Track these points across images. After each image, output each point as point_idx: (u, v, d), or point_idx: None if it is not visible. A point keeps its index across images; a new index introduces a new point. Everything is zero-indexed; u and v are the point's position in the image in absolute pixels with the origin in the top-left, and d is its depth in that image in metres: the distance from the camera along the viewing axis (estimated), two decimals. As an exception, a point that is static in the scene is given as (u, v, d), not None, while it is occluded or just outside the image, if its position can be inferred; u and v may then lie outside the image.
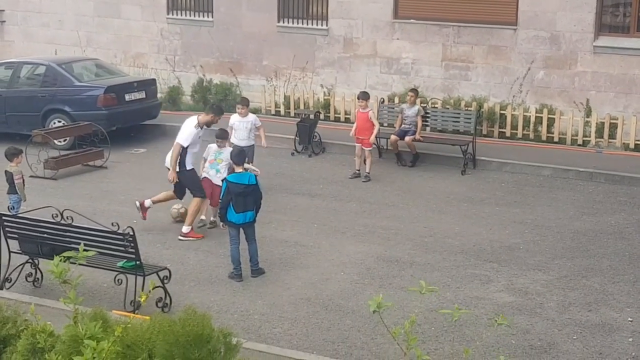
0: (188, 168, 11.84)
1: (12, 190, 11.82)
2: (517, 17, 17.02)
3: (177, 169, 11.74)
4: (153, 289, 5.18)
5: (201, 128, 11.97)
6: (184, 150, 11.74)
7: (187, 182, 11.90)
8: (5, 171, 11.90)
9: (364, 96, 14.66)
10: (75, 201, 12.82)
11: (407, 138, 15.16)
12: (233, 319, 9.09)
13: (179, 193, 12.13)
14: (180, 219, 12.08)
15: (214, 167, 12.11)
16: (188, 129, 11.84)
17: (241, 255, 10.30)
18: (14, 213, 10.84)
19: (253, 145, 13.72)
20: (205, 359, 4.68)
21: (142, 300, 4.85)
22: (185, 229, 11.69)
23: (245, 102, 14.05)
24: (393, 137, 15.28)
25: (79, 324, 4.59)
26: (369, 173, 14.42)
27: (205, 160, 12.24)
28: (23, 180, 11.89)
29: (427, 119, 16.03)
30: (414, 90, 15.78)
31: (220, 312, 9.26)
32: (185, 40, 20.82)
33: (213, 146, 12.25)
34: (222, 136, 12.35)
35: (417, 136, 15.24)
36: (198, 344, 4.67)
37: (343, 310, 9.37)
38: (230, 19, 20.14)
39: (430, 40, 17.92)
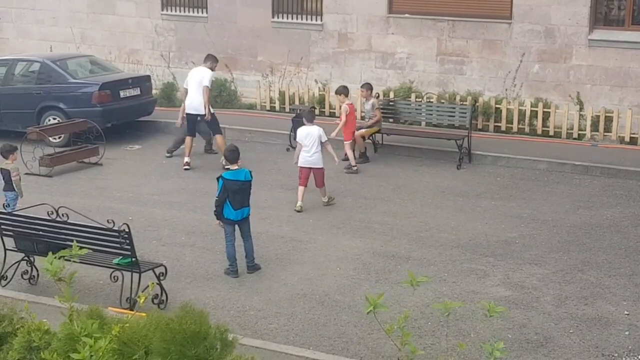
0: (212, 111, 14.78)
1: (8, 187, 11.79)
2: (512, 11, 17.02)
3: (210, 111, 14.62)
4: (151, 288, 5.17)
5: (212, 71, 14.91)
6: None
7: (211, 122, 14.88)
8: (1, 169, 11.87)
9: (344, 90, 15.03)
10: (70, 198, 12.80)
11: (357, 133, 15.12)
12: (229, 315, 9.09)
13: (214, 129, 15.04)
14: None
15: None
16: (208, 74, 14.80)
17: (237, 251, 10.29)
18: (10, 210, 10.85)
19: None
20: (202, 356, 4.68)
21: (141, 301, 4.84)
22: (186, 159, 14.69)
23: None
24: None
25: (75, 321, 4.58)
26: (353, 166, 14.60)
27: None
28: (19, 177, 11.88)
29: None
30: (365, 85, 15.75)
31: (216, 308, 9.26)
32: (180, 36, 20.79)
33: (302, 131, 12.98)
34: (309, 118, 13.30)
35: (377, 129, 15.34)
36: (195, 340, 4.67)
37: (339, 305, 9.37)
38: (224, 14, 20.10)
39: (425, 34, 17.91)
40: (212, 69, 15.10)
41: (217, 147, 14.99)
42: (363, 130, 15.27)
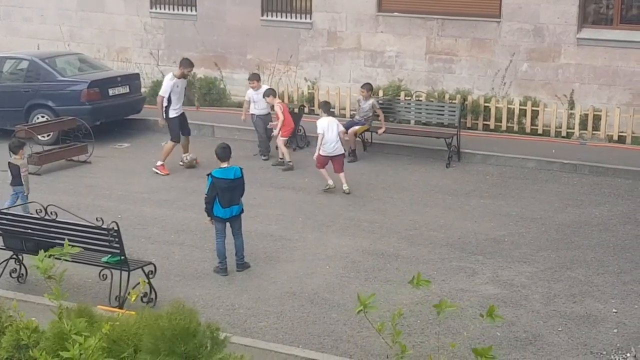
0: (171, 116, 14.69)
1: (17, 182, 12.03)
2: (501, 10, 17.04)
3: (164, 117, 14.69)
4: (142, 286, 5.15)
5: (178, 79, 14.65)
6: (168, 101, 14.57)
7: (169, 127, 14.76)
8: (9, 163, 12.08)
9: (272, 92, 15.35)
10: (59, 196, 12.77)
11: (350, 130, 15.16)
12: (218, 313, 9.08)
13: (175, 137, 14.77)
14: (189, 165, 14.75)
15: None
16: (165, 82, 14.78)
17: (227, 249, 10.28)
18: (22, 203, 11.50)
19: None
20: (191, 353, 4.67)
21: (132, 299, 4.83)
22: (158, 162, 14.59)
23: (256, 77, 15.83)
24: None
25: (64, 320, 4.57)
26: (288, 161, 14.85)
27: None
28: (28, 173, 12.12)
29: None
30: (366, 85, 15.78)
31: (205, 306, 9.25)
32: (169, 34, 20.74)
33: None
34: (326, 109, 14.12)
35: (381, 131, 15.39)
36: (184, 338, 4.66)
37: (329, 303, 9.37)
38: (213, 12, 20.07)
39: (414, 33, 17.92)
40: (177, 76, 14.73)
41: (164, 149, 14.77)
42: (356, 128, 15.30)
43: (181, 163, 14.90)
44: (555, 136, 16.40)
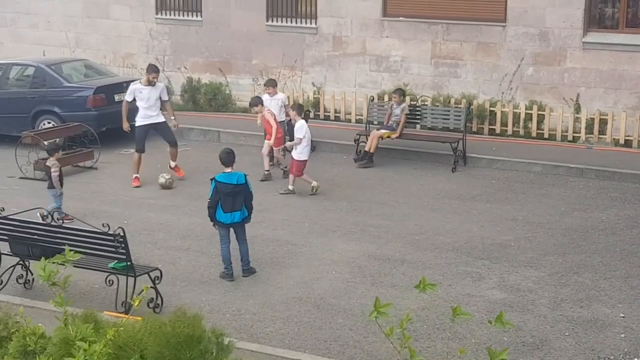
0: (137, 124, 14.40)
1: (50, 184, 12.23)
2: (506, 14, 17.04)
3: (128, 123, 14.55)
4: (145, 291, 5.15)
5: (143, 85, 14.38)
6: (136, 107, 14.39)
7: (135, 136, 14.43)
8: (45, 165, 12.33)
9: (259, 101, 14.93)
10: (65, 202, 12.76)
11: (374, 132, 15.14)
12: (225, 319, 9.07)
13: (138, 147, 14.41)
14: (166, 186, 13.91)
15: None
16: (129, 88, 14.66)
17: (232, 254, 10.28)
18: (57, 207, 11.75)
19: (284, 121, 15.11)
20: (196, 360, 4.67)
21: (136, 304, 4.83)
22: (133, 175, 14.28)
23: (272, 82, 15.48)
24: (375, 132, 15.38)
25: (70, 326, 4.57)
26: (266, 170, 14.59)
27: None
28: (60, 174, 12.25)
29: (418, 117, 16.04)
30: (399, 91, 15.76)
31: (211, 312, 9.24)
32: (175, 40, 20.77)
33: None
34: (300, 111, 13.93)
35: (396, 134, 15.32)
36: (189, 344, 4.66)
37: (335, 309, 9.36)
38: (219, 18, 20.10)
39: (420, 37, 17.92)
40: (142, 82, 14.53)
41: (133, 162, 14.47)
42: (383, 131, 15.27)
43: (165, 176, 14.19)
44: (561, 140, 16.37)
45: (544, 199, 13.31)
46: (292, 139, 15.78)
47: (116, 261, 9.34)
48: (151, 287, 9.12)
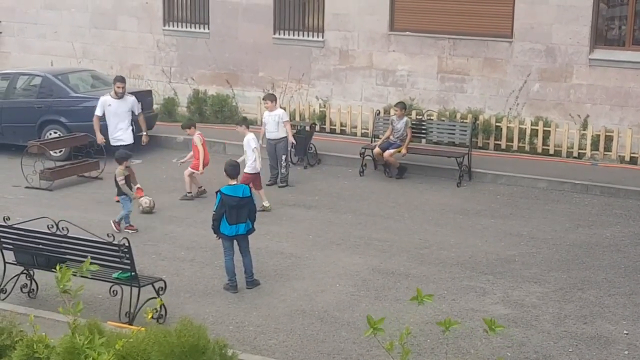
0: (112, 143, 14.40)
1: (119, 192, 12.51)
2: (513, 30, 17.08)
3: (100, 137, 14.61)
4: (159, 304, 5.16)
5: (112, 98, 14.41)
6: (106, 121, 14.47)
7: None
8: (115, 175, 12.55)
9: (193, 123, 14.75)
10: (70, 212, 12.80)
11: (386, 153, 15.17)
12: (228, 331, 9.07)
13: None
14: (145, 211, 13.23)
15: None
16: (99, 101, 14.70)
17: (236, 266, 10.28)
18: (127, 213, 12.35)
19: (284, 137, 14.79)
20: (200, 370, 4.67)
21: (149, 317, 4.85)
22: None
23: (270, 97, 15.04)
24: (377, 149, 15.35)
25: (76, 335, 4.58)
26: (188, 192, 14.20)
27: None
28: (127, 180, 12.48)
29: (424, 131, 16.05)
30: (400, 104, 15.76)
31: (215, 323, 9.24)
32: (182, 51, 20.84)
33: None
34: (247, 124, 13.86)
35: (403, 150, 15.26)
36: (193, 355, 4.67)
37: (338, 322, 9.35)
38: (226, 30, 20.16)
39: (426, 52, 17.96)
40: (111, 94, 14.67)
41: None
42: (392, 151, 15.23)
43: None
44: (566, 156, 16.37)
45: (548, 215, 13.30)
46: (297, 152, 15.85)
47: (120, 271, 9.35)
48: (154, 297, 9.13)
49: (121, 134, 14.71)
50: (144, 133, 14.93)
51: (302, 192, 14.58)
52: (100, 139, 14.84)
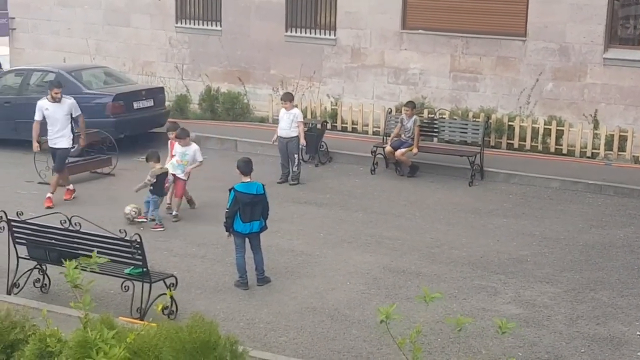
0: (56, 145, 13.80)
1: (152, 190, 12.65)
2: (526, 29, 17.02)
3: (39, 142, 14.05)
4: (169, 295, 5.16)
5: (48, 102, 13.84)
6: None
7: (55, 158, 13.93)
8: (150, 174, 12.64)
9: (188, 134, 13.84)
10: (83, 208, 12.83)
11: (397, 152, 15.13)
12: (239, 327, 9.07)
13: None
14: (134, 220, 12.65)
15: (180, 167, 13.03)
16: (37, 105, 14.09)
17: (247, 263, 10.28)
18: (151, 210, 12.48)
19: (296, 136, 14.82)
20: (212, 367, 4.67)
21: (159, 309, 4.86)
22: (48, 194, 13.56)
23: (287, 97, 15.21)
24: (388, 148, 15.32)
25: (89, 329, 4.59)
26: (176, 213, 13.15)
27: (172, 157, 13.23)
28: (157, 179, 12.58)
29: (436, 129, 16.01)
30: (410, 103, 15.69)
31: (225, 320, 9.24)
32: (194, 48, 20.87)
33: (177, 147, 13.20)
34: (181, 135, 13.20)
35: (415, 149, 15.16)
36: (204, 351, 4.66)
37: (349, 320, 9.34)
38: (238, 28, 20.17)
39: (439, 51, 17.92)
40: (48, 98, 13.99)
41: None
42: (403, 150, 15.19)
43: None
44: (580, 156, 16.31)
45: (561, 215, 13.25)
46: (308, 150, 15.83)
47: (132, 267, 9.36)
48: (164, 294, 9.14)
49: (58, 138, 14.01)
50: (82, 136, 14.54)
51: (313, 190, 14.58)
52: (35, 146, 14.24)
